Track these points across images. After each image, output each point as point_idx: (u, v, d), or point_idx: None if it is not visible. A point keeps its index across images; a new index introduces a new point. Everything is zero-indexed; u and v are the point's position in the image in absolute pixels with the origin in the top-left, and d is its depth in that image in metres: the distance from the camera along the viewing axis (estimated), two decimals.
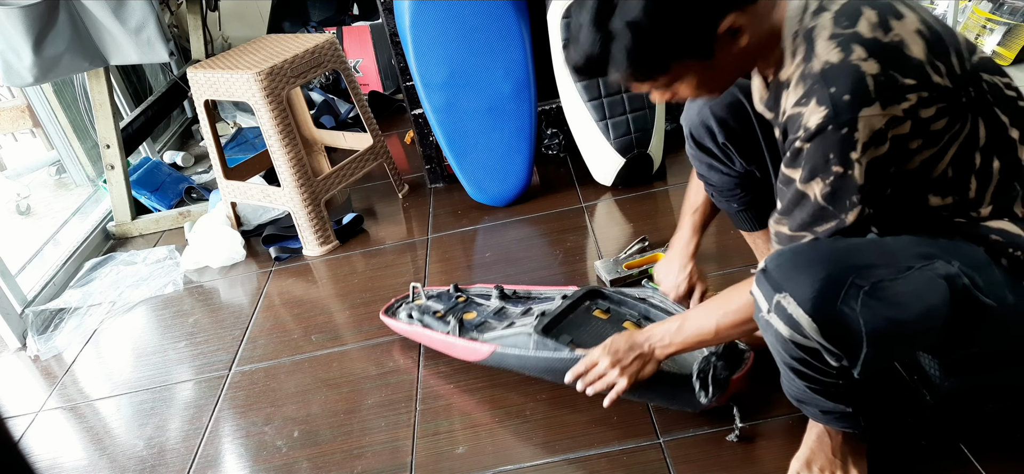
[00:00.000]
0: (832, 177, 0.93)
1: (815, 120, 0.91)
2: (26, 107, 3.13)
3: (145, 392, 1.77)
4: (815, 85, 0.92)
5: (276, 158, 2.13)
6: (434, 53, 2.10)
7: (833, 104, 0.90)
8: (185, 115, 3.61)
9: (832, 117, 0.90)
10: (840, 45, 0.91)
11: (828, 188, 0.94)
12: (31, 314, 2.11)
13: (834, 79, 0.90)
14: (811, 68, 0.93)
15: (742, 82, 1.24)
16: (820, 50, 0.93)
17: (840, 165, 0.92)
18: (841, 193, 0.94)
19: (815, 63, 0.93)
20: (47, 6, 2.12)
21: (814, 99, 0.92)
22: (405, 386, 1.60)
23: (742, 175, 1.37)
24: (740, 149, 1.32)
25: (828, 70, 0.91)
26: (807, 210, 0.98)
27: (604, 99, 2.14)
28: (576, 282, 1.84)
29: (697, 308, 1.24)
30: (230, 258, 2.26)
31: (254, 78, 2.02)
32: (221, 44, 3.57)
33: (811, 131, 0.92)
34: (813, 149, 0.93)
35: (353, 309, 1.93)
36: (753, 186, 1.39)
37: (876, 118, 0.89)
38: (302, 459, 1.47)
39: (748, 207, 1.45)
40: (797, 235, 1.00)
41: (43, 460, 1.63)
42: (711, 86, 1.05)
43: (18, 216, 3.09)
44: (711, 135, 1.33)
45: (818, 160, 0.93)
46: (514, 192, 2.27)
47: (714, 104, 1.30)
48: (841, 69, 0.90)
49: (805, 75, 0.94)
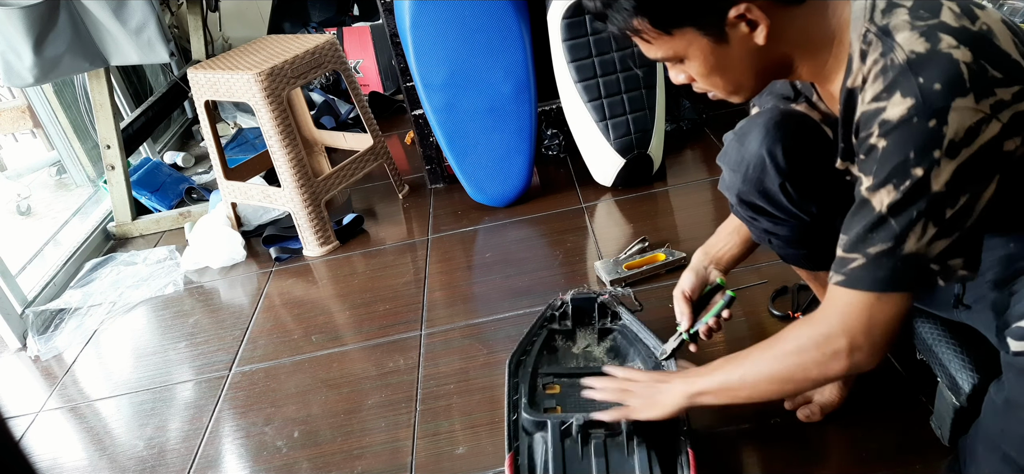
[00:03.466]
0: (908, 182, 0.81)
1: (898, 111, 0.80)
2: (26, 107, 3.13)
3: (145, 392, 1.77)
4: (899, 76, 0.81)
5: (276, 159, 2.13)
6: (434, 53, 2.10)
7: (921, 93, 0.79)
8: (185, 116, 3.61)
9: (919, 107, 0.79)
10: (924, 35, 0.81)
11: (898, 196, 0.82)
12: (31, 314, 2.11)
13: (922, 68, 0.79)
14: (893, 59, 0.82)
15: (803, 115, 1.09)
16: (902, 41, 0.82)
17: (919, 166, 0.80)
18: (911, 202, 0.81)
19: (898, 53, 0.82)
20: (48, 6, 2.12)
21: (898, 91, 0.81)
22: (405, 386, 1.60)
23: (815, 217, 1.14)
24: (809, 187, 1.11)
25: (915, 60, 0.80)
26: (865, 222, 0.85)
27: (604, 100, 2.14)
28: (576, 282, 1.84)
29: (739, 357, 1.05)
30: (230, 258, 2.26)
31: (254, 78, 2.02)
32: (221, 45, 3.57)
33: (892, 123, 0.80)
34: (891, 146, 0.81)
35: (353, 309, 1.93)
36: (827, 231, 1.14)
37: (969, 112, 0.78)
38: (302, 459, 1.47)
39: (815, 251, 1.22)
40: (848, 256, 0.88)
41: (43, 460, 1.62)
42: (725, 75, 0.95)
43: (18, 216, 3.09)
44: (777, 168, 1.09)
45: (896, 159, 0.81)
46: (514, 193, 2.27)
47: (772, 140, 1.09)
48: (930, 57, 0.79)
49: (886, 68, 0.83)
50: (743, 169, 1.13)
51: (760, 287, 1.68)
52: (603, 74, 2.13)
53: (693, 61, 0.93)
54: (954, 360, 1.12)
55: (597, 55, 2.13)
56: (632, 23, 0.91)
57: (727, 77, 0.95)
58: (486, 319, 1.77)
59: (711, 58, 0.92)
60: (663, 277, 1.79)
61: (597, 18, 0.95)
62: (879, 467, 1.20)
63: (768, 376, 1.00)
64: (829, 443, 1.27)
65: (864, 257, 0.86)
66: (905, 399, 1.31)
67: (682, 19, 0.89)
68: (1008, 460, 0.90)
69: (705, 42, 0.90)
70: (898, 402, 1.31)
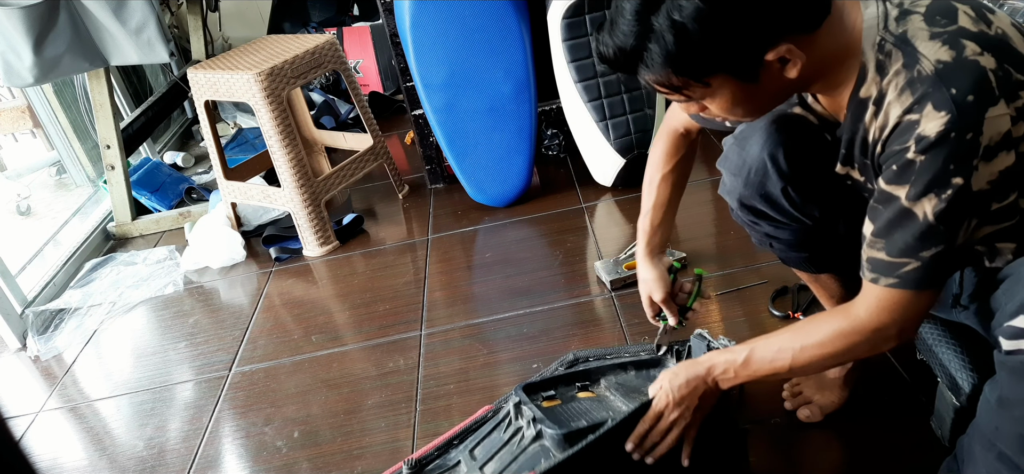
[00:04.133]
0: (950, 191, 0.82)
1: (935, 127, 0.81)
2: (26, 107, 3.13)
3: (145, 392, 1.77)
4: (929, 89, 0.81)
5: (276, 159, 2.13)
6: (434, 53, 2.10)
7: (956, 106, 0.79)
8: (185, 116, 3.61)
9: (955, 121, 0.80)
10: (947, 43, 0.82)
11: (943, 204, 0.83)
12: (31, 314, 2.11)
13: (952, 78, 0.80)
14: (920, 70, 0.82)
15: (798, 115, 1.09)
16: (926, 51, 0.83)
17: (960, 176, 0.81)
18: (957, 209, 0.83)
19: (925, 64, 0.82)
20: (48, 6, 2.12)
21: (930, 104, 0.81)
22: (405, 386, 1.60)
23: (817, 221, 1.15)
24: (811, 191, 1.12)
25: (943, 70, 0.81)
26: (913, 231, 0.86)
27: (604, 100, 2.14)
28: (576, 282, 1.84)
29: (768, 336, 1.06)
30: (230, 258, 2.26)
31: (254, 78, 2.02)
32: (221, 45, 3.57)
33: (930, 140, 0.81)
34: (930, 160, 0.82)
35: (353, 309, 1.93)
36: (828, 234, 1.18)
37: (1002, 119, 0.80)
38: (302, 459, 1.47)
39: (817, 254, 1.24)
40: (898, 261, 0.89)
41: (43, 460, 1.62)
42: (747, 108, 0.95)
43: (18, 216, 3.09)
44: (779, 172, 1.10)
45: (936, 172, 0.82)
46: (514, 193, 2.27)
47: (774, 144, 1.09)
48: (958, 67, 0.80)
49: (913, 80, 0.83)
50: (744, 173, 1.13)
51: (760, 287, 1.68)
52: (603, 74, 2.13)
53: (717, 100, 0.93)
54: (954, 360, 1.12)
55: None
56: (662, 76, 0.89)
57: (749, 109, 0.95)
58: (486, 319, 1.77)
59: (738, 95, 0.91)
60: None
61: (619, 71, 0.93)
62: (879, 467, 1.20)
63: (820, 365, 1.02)
64: (829, 443, 1.27)
65: (919, 261, 0.88)
66: (905, 399, 1.31)
67: (716, 68, 0.88)
68: (1004, 459, 0.90)
69: (736, 85, 0.89)
70: (898, 402, 1.31)
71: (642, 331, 1.61)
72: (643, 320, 1.47)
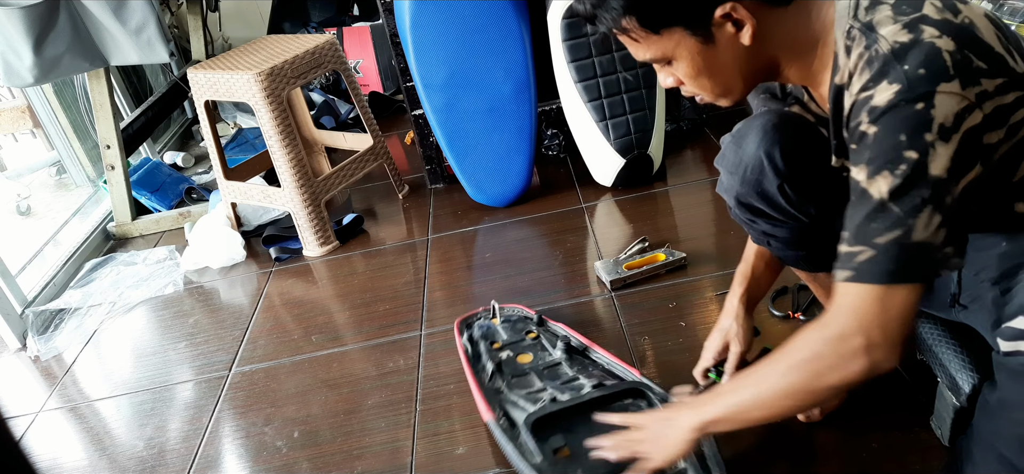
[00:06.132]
0: (904, 166, 0.79)
1: (885, 97, 0.80)
2: (26, 107, 3.13)
3: (145, 393, 1.77)
4: (884, 64, 0.81)
5: (276, 159, 2.13)
6: (434, 53, 2.10)
7: (907, 78, 0.79)
8: (185, 116, 3.61)
9: (904, 90, 0.79)
10: (907, 27, 0.82)
11: (898, 180, 0.80)
12: (31, 314, 2.11)
13: (906, 56, 0.80)
14: (878, 49, 0.83)
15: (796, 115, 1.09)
16: (885, 33, 0.83)
17: (913, 149, 0.79)
18: (912, 186, 0.79)
19: (882, 44, 0.82)
20: (47, 6, 2.12)
21: (884, 79, 0.81)
22: (405, 386, 1.60)
23: (814, 218, 1.14)
24: (807, 188, 1.11)
25: (898, 49, 0.81)
26: (865, 211, 0.83)
27: (604, 100, 2.14)
28: (576, 282, 1.84)
29: (743, 374, 1.01)
30: (230, 259, 2.26)
31: (254, 79, 2.02)
32: (221, 45, 3.57)
33: (880, 109, 0.80)
34: (881, 131, 0.81)
35: (353, 310, 1.93)
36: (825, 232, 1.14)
37: (955, 97, 0.78)
38: (302, 460, 1.47)
39: (814, 252, 1.22)
40: (854, 250, 0.84)
41: (43, 460, 1.62)
42: (713, 78, 0.95)
43: (18, 216, 3.09)
44: (775, 170, 1.09)
45: (887, 144, 0.80)
46: (514, 193, 2.27)
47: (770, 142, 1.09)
48: (913, 45, 0.80)
49: (871, 58, 0.83)
50: (741, 171, 1.13)
51: None
52: (603, 74, 2.13)
53: (681, 62, 0.95)
54: (954, 360, 1.12)
55: (597, 55, 2.13)
56: (621, 23, 0.93)
57: (715, 79, 0.96)
58: None
59: (698, 59, 0.93)
60: (663, 277, 1.79)
61: (587, 20, 0.96)
62: (879, 467, 1.20)
63: (783, 391, 0.92)
64: (829, 443, 1.27)
65: (872, 248, 0.82)
66: (905, 399, 1.31)
67: (670, 19, 0.90)
68: (1004, 460, 0.90)
69: (693, 43, 0.91)
70: (898, 402, 1.31)
71: (642, 331, 1.61)
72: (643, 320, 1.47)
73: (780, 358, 0.93)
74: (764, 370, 0.95)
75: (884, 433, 1.25)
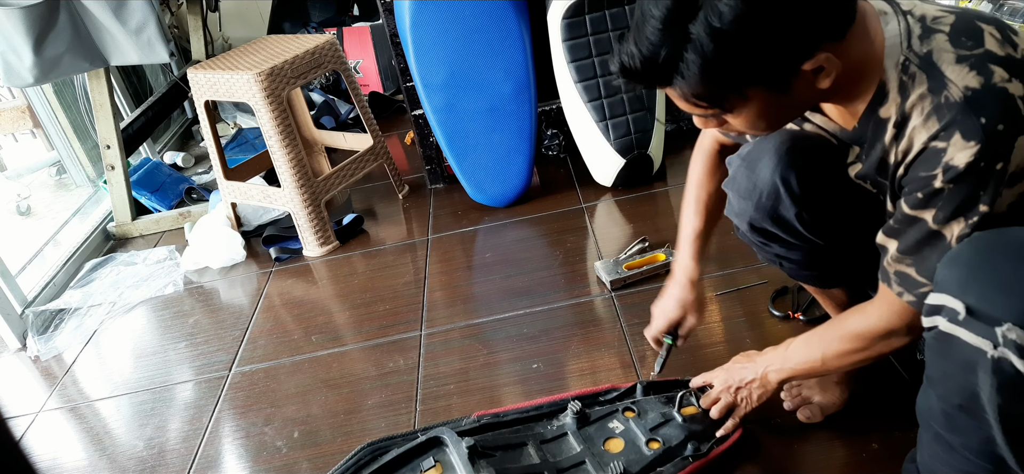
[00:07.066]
0: (977, 217, 0.83)
1: (965, 157, 0.80)
2: (26, 107, 3.13)
3: (145, 393, 1.77)
4: (958, 115, 0.80)
5: (276, 159, 2.13)
6: (434, 54, 2.10)
7: (986, 136, 0.79)
8: (185, 116, 3.61)
9: (985, 152, 0.79)
10: (974, 68, 0.81)
11: (968, 230, 0.84)
12: (31, 314, 2.11)
13: (982, 107, 0.79)
14: (949, 97, 0.81)
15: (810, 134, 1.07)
16: (953, 75, 0.82)
17: (986, 202, 0.82)
18: (977, 228, 0.84)
19: (953, 91, 0.81)
20: (48, 6, 2.12)
21: (958, 132, 0.80)
22: (405, 386, 1.60)
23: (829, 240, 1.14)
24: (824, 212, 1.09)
25: (972, 98, 0.80)
26: (919, 237, 0.89)
27: (604, 100, 2.14)
28: (576, 282, 1.84)
29: (803, 335, 1.11)
30: (230, 259, 2.26)
31: (254, 79, 2.02)
32: (221, 45, 3.57)
33: (959, 170, 0.81)
34: (959, 189, 0.82)
35: (353, 310, 1.93)
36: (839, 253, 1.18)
37: None
38: (302, 460, 1.47)
39: (826, 272, 1.25)
40: (906, 272, 0.92)
41: (43, 460, 1.62)
42: (769, 121, 0.92)
43: (18, 216, 3.09)
44: (792, 196, 1.07)
45: (964, 199, 0.83)
46: (514, 193, 2.27)
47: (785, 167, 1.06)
48: (988, 95, 0.80)
49: (941, 106, 0.82)
50: (755, 197, 1.10)
51: (760, 287, 1.68)
52: (603, 74, 2.13)
53: (741, 115, 0.89)
54: None
55: (597, 55, 2.13)
56: (683, 100, 0.87)
57: (770, 122, 0.93)
58: (486, 319, 1.77)
59: (767, 109, 0.88)
60: (663, 277, 1.79)
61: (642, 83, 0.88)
62: (879, 467, 1.20)
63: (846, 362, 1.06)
64: (829, 443, 1.27)
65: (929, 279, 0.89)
66: (905, 399, 1.31)
67: (750, 81, 0.85)
68: (940, 439, 0.91)
69: (765, 96, 0.86)
70: (898, 402, 1.30)
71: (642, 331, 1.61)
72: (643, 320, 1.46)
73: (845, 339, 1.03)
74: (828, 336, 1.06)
75: (884, 433, 1.25)
